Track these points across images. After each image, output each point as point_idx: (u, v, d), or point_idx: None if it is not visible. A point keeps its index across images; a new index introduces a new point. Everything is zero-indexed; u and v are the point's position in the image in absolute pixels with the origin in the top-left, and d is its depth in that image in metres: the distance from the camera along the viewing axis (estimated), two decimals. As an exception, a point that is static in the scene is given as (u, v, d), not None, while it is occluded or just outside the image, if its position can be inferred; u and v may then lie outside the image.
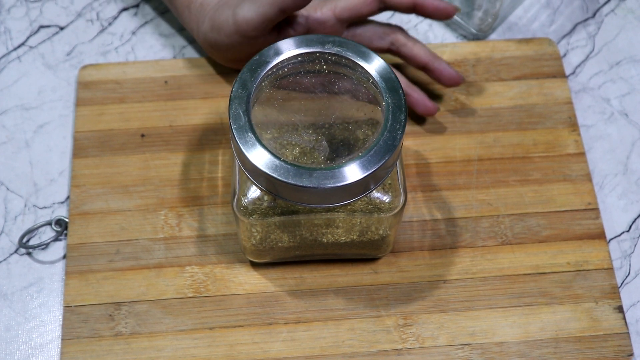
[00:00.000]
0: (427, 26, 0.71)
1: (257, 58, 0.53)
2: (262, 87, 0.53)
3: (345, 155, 0.52)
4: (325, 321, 0.59)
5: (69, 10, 0.71)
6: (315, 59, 0.54)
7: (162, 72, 0.67)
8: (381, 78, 0.53)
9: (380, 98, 0.52)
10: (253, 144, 0.51)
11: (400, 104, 0.52)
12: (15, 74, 0.68)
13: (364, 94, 0.54)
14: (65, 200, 0.64)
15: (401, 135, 0.51)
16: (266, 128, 0.53)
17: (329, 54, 0.54)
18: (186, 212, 0.62)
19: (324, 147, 0.53)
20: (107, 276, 0.60)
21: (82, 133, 0.65)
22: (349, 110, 0.54)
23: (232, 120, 0.51)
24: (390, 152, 0.51)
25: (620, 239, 0.63)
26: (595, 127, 0.67)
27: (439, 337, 0.59)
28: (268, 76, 0.53)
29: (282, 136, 0.53)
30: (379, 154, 0.50)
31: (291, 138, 0.53)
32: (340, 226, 0.57)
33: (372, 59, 0.53)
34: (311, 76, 0.54)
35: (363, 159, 0.50)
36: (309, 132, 0.53)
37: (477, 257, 0.61)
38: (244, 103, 0.52)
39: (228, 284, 0.60)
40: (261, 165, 0.50)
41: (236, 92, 0.52)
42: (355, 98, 0.54)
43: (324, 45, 0.54)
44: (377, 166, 0.50)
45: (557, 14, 0.72)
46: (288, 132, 0.53)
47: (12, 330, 0.59)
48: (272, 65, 0.53)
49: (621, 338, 0.59)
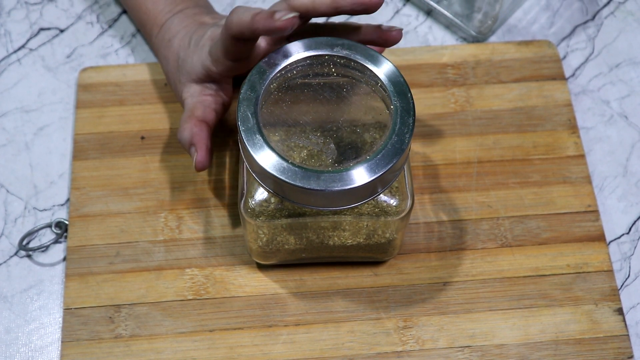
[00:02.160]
0: (427, 28, 0.72)
1: (266, 60, 0.53)
2: (271, 90, 0.53)
3: (353, 158, 0.52)
4: (325, 323, 0.59)
5: (69, 12, 0.71)
6: (324, 62, 0.54)
7: (162, 75, 0.67)
8: (390, 81, 0.53)
9: (389, 101, 0.52)
10: (261, 146, 0.51)
11: (409, 108, 0.52)
12: (15, 77, 0.68)
13: (372, 97, 0.54)
14: (65, 203, 0.64)
15: (409, 139, 0.51)
16: (274, 130, 0.53)
17: (338, 57, 0.54)
18: (186, 215, 0.62)
19: (332, 150, 0.53)
20: (107, 278, 0.60)
21: (82, 135, 0.65)
22: (357, 113, 0.54)
23: (241, 122, 0.51)
24: (398, 156, 0.51)
25: (620, 241, 0.63)
26: (595, 130, 0.67)
27: (439, 340, 0.59)
28: (277, 78, 0.53)
29: (289, 138, 0.53)
30: (386, 158, 0.50)
31: (299, 140, 0.53)
32: (347, 229, 0.57)
33: (381, 63, 0.53)
34: (320, 79, 0.54)
35: (371, 162, 0.50)
36: (317, 134, 0.53)
37: (477, 260, 0.61)
38: (252, 105, 0.52)
39: (228, 286, 0.60)
40: (269, 168, 0.50)
41: (245, 94, 0.52)
42: (363, 101, 0.54)
43: (333, 48, 0.54)
44: (385, 170, 0.50)
45: (556, 17, 0.72)
46: (296, 134, 0.53)
47: (12, 332, 0.59)
48: (281, 67, 0.53)
49: (621, 340, 0.59)
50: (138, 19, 0.66)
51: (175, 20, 0.63)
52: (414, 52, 0.69)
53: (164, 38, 0.63)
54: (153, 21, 0.64)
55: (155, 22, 0.64)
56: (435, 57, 0.69)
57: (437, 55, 0.69)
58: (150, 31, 0.64)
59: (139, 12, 0.65)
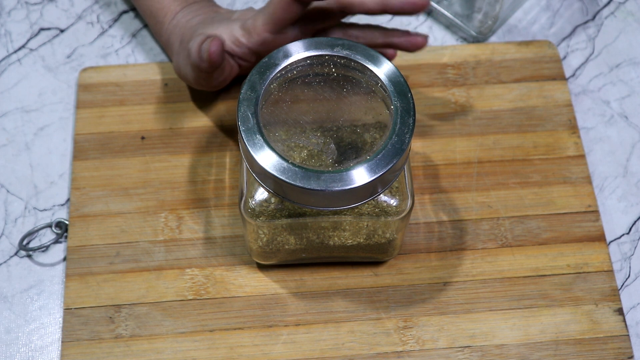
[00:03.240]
0: (427, 29, 0.72)
1: (266, 60, 0.53)
2: (271, 89, 0.53)
3: (353, 158, 0.52)
4: (325, 323, 0.59)
5: (70, 12, 0.71)
6: (324, 62, 0.54)
7: (162, 75, 0.67)
8: (390, 81, 0.53)
9: (389, 101, 0.52)
10: (261, 145, 0.51)
11: (409, 108, 0.52)
12: (15, 77, 0.68)
13: (372, 97, 0.54)
14: (65, 203, 0.64)
15: (409, 139, 0.51)
16: (274, 130, 0.53)
17: (338, 57, 0.54)
18: (186, 215, 0.62)
19: (332, 150, 0.53)
20: (107, 278, 0.60)
21: (83, 135, 0.65)
22: (357, 114, 0.54)
23: (241, 122, 0.51)
24: (398, 156, 0.50)
25: (620, 241, 0.63)
26: (595, 130, 0.67)
27: (439, 340, 0.59)
28: (277, 78, 0.53)
29: (290, 138, 0.53)
30: (386, 158, 0.50)
31: (299, 140, 0.53)
32: (347, 229, 0.57)
33: (381, 63, 0.53)
34: (320, 79, 0.54)
35: (371, 163, 0.50)
36: (317, 134, 0.53)
37: (477, 260, 0.61)
38: (252, 105, 0.52)
39: (228, 286, 0.60)
40: (269, 167, 0.50)
41: (245, 93, 0.52)
42: (363, 101, 0.54)
43: (333, 49, 0.54)
44: (385, 170, 0.50)
45: (557, 17, 0.72)
46: (296, 134, 0.53)
47: (12, 332, 0.59)
48: (281, 67, 0.53)
49: (621, 340, 0.59)
50: (148, 8, 0.66)
51: (193, 7, 0.65)
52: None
53: (180, 21, 0.64)
54: (167, 9, 0.65)
55: (169, 10, 0.65)
56: (435, 57, 0.69)
57: (437, 56, 0.69)
58: (163, 19, 0.65)
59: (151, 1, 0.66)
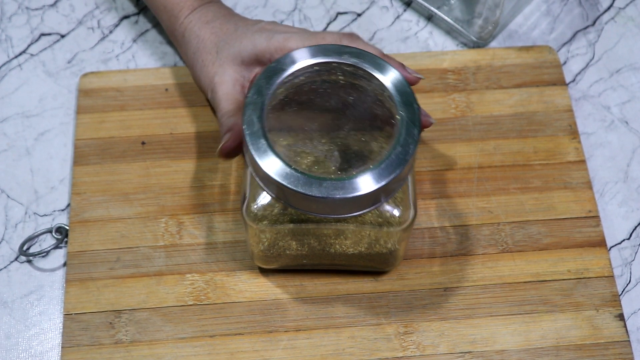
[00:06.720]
0: (428, 34, 0.72)
1: (274, 65, 0.53)
2: (278, 95, 0.53)
3: (358, 166, 0.52)
4: (326, 329, 0.59)
5: (70, 18, 0.71)
6: (332, 69, 0.54)
7: (163, 80, 0.67)
8: (396, 91, 0.53)
9: (395, 111, 0.52)
10: (265, 150, 0.51)
11: (414, 118, 0.52)
12: (16, 82, 0.68)
13: (378, 106, 0.54)
14: (65, 208, 0.64)
15: (414, 150, 0.51)
16: (281, 135, 0.53)
17: (346, 65, 0.54)
18: (186, 220, 0.62)
19: (335, 158, 0.53)
20: (107, 284, 0.60)
21: (83, 140, 0.65)
22: (363, 122, 0.54)
23: (246, 126, 0.51)
24: (402, 166, 0.50)
25: (621, 246, 0.63)
26: (596, 135, 0.67)
27: (439, 345, 0.59)
28: (284, 84, 0.53)
29: (296, 144, 0.53)
30: (390, 167, 0.50)
31: (305, 146, 0.53)
32: (349, 237, 0.57)
33: (388, 72, 0.53)
34: (327, 86, 0.54)
35: (374, 172, 0.50)
36: (322, 141, 0.53)
37: (478, 265, 0.61)
38: (258, 109, 0.52)
39: (229, 291, 0.60)
40: (272, 172, 0.50)
41: (251, 98, 0.52)
42: (369, 110, 0.54)
43: (341, 56, 0.54)
44: (388, 179, 0.50)
45: (557, 22, 0.73)
46: (301, 140, 0.53)
47: (12, 338, 0.59)
48: (289, 73, 0.53)
49: (622, 346, 0.59)
50: (162, 3, 0.66)
51: (212, 7, 0.64)
52: (414, 57, 0.69)
53: (199, 19, 0.64)
54: (183, 3, 0.65)
55: (185, 4, 0.64)
56: (435, 62, 0.69)
57: (437, 61, 0.69)
58: (179, 13, 0.65)
59: None
